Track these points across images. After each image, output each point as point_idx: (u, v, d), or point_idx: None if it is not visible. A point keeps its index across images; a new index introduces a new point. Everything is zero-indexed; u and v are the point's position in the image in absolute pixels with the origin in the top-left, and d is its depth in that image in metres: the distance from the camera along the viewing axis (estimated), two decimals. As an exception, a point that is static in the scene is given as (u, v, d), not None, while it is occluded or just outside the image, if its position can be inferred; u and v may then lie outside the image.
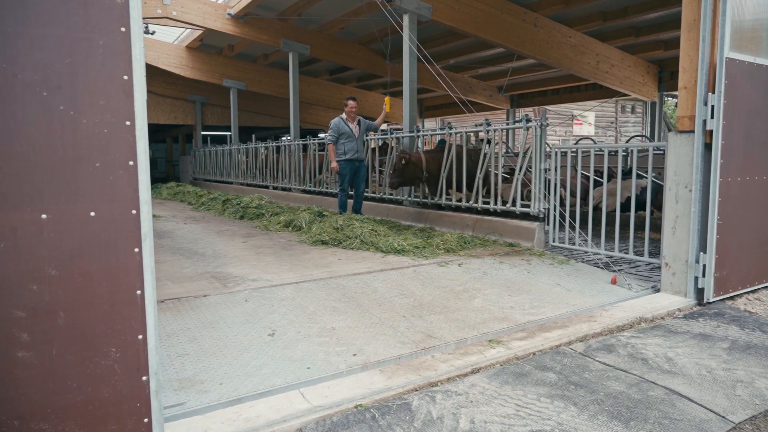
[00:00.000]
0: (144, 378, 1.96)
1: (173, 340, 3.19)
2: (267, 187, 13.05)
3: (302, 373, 2.85)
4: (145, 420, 1.97)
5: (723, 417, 2.49)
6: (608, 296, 4.38)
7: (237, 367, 2.90)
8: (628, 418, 2.45)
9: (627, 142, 14.48)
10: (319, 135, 17.24)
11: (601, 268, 5.40)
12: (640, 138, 16.10)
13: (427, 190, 7.80)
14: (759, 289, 4.58)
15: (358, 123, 8.09)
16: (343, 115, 7.99)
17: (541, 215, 6.08)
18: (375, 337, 3.36)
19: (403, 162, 7.06)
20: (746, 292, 4.48)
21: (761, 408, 2.58)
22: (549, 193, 5.96)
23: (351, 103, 7.95)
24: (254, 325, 3.48)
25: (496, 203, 6.63)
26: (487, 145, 6.87)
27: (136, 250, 1.93)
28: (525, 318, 3.78)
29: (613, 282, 4.75)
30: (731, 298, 4.35)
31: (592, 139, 15.19)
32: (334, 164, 7.89)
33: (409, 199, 8.19)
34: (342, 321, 3.62)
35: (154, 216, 2.29)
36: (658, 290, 4.50)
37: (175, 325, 3.43)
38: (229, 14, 12.18)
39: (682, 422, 2.42)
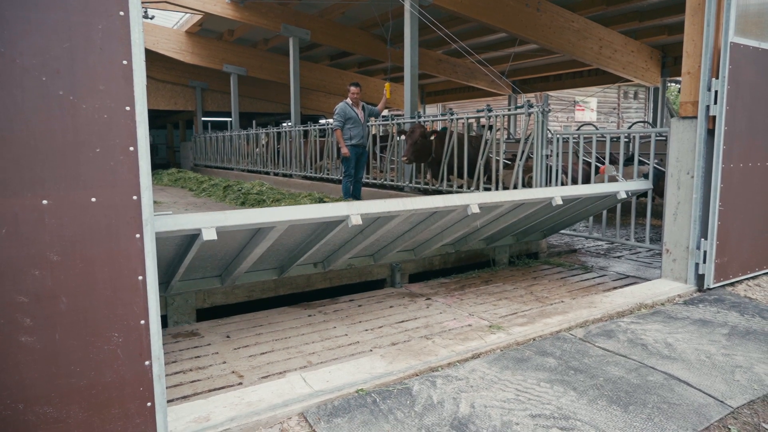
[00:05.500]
0: (147, 363, 1.98)
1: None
2: (268, 173, 13.03)
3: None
4: (148, 404, 1.99)
5: (721, 402, 2.50)
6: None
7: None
8: (627, 402, 2.47)
9: (629, 128, 14.41)
10: (320, 121, 17.18)
11: (602, 255, 5.41)
12: (642, 124, 16.01)
13: (429, 175, 7.78)
14: (759, 275, 4.59)
15: (362, 108, 8.04)
16: (348, 101, 7.94)
17: (543, 201, 6.06)
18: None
19: (424, 136, 7.05)
20: (746, 279, 4.48)
21: (759, 393, 2.59)
22: (550, 180, 5.94)
23: (353, 88, 7.89)
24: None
25: (497, 189, 6.62)
26: (489, 132, 6.84)
27: (137, 236, 1.93)
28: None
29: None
30: (731, 284, 4.36)
31: (594, 125, 15.12)
32: (345, 150, 7.81)
33: (410, 185, 8.17)
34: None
35: (154, 202, 2.33)
36: (646, 176, 4.72)
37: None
38: (228, -2, 12.09)
39: (680, 407, 2.44)
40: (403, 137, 7.51)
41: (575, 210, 4.95)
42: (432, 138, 7.07)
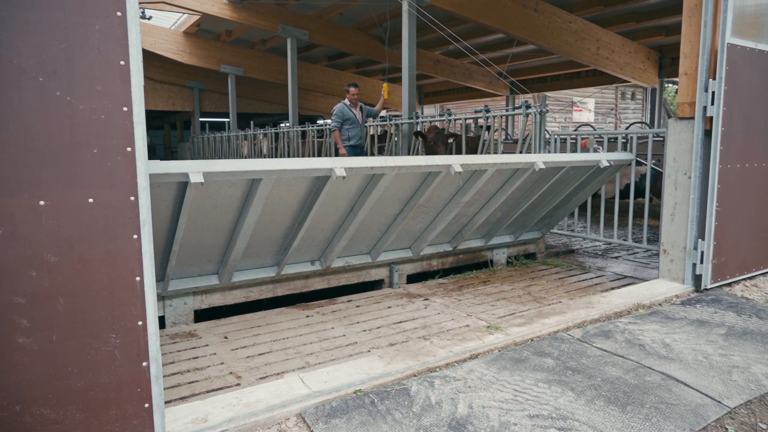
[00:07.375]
0: (144, 364, 1.97)
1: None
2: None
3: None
4: (146, 405, 1.98)
5: (719, 402, 2.51)
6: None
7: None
8: (624, 402, 2.47)
9: (627, 128, 14.43)
10: (318, 121, 17.18)
11: (600, 255, 5.42)
12: (639, 125, 16.05)
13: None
14: (756, 275, 4.60)
15: (360, 109, 8.05)
16: (346, 101, 7.93)
17: (540, 202, 6.06)
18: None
19: (451, 140, 6.98)
20: (743, 279, 4.50)
21: (756, 393, 2.60)
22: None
23: (352, 89, 7.89)
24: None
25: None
26: (486, 132, 6.84)
27: (135, 236, 1.93)
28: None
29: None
30: (729, 284, 4.37)
31: (591, 126, 15.14)
32: (343, 151, 7.82)
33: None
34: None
35: (152, 203, 2.45)
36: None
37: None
38: (226, -1, 12.07)
39: (678, 407, 2.45)
40: (420, 140, 7.34)
41: (564, 188, 4.98)
42: (451, 141, 7.05)
